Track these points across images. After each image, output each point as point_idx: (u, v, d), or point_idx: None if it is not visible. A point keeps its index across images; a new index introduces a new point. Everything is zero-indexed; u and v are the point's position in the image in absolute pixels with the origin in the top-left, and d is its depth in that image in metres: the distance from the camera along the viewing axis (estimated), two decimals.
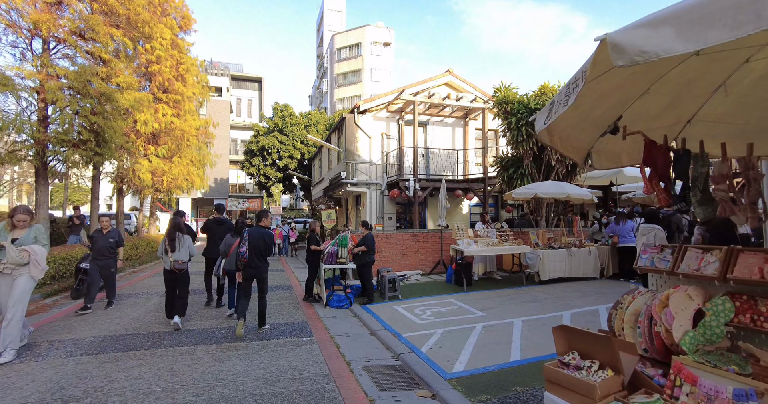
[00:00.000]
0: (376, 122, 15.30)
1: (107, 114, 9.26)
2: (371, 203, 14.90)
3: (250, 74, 44.12)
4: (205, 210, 36.98)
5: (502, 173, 12.13)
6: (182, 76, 15.23)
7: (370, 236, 7.68)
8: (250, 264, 5.47)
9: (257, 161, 24.05)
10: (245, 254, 5.40)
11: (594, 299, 7.30)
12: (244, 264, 5.43)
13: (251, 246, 5.46)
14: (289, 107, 24.47)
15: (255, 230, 5.59)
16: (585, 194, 9.33)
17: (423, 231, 10.31)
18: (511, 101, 11.44)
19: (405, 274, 9.53)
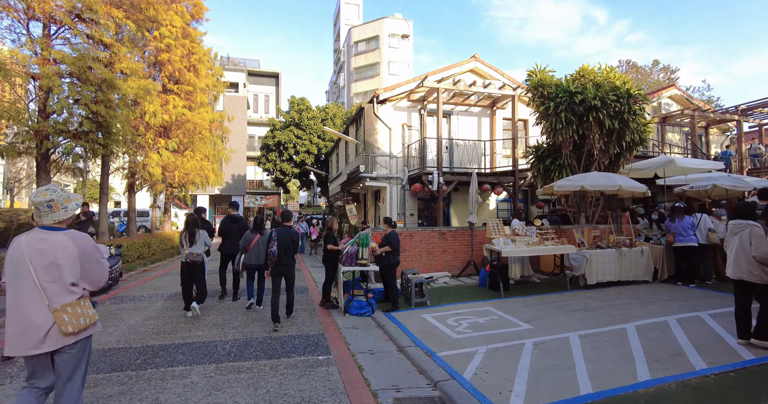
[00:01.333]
0: (397, 113, 14.36)
1: (111, 103, 8.61)
2: (391, 199, 13.99)
3: (267, 70, 43.68)
4: (222, 207, 36.76)
5: (537, 165, 11.04)
6: (194, 66, 14.60)
7: (393, 234, 6.79)
8: (280, 262, 5.76)
9: (273, 156, 23.43)
10: (275, 253, 5.70)
11: (657, 309, 6.23)
12: (274, 263, 5.75)
13: (280, 245, 5.72)
14: (305, 101, 23.74)
15: (283, 230, 5.86)
16: (638, 187, 8.21)
17: (451, 229, 9.37)
18: (548, 84, 10.33)
19: (432, 276, 8.60)
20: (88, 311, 2.52)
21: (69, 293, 2.45)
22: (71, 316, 2.41)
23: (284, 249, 5.73)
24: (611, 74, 10.14)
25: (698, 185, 8.90)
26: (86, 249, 2.55)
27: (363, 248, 6.58)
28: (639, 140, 10.17)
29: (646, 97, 9.62)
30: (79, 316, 2.44)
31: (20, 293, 2.37)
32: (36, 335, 2.33)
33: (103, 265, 2.65)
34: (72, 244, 2.48)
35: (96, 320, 2.60)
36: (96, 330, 2.64)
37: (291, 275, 5.97)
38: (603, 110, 9.47)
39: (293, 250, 5.89)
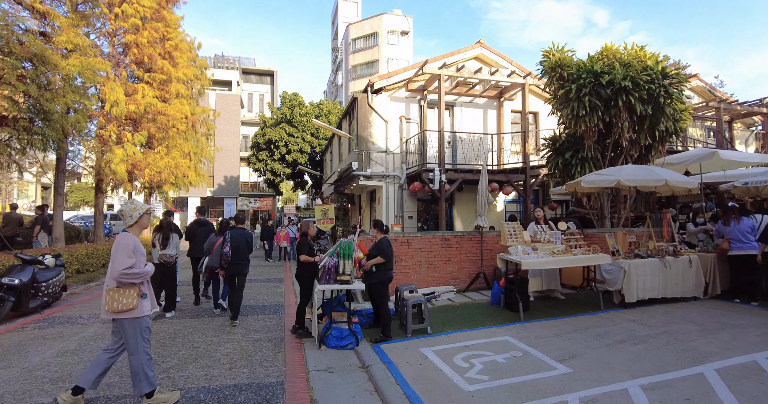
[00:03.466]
0: (394, 103, 12.92)
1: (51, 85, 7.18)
2: (387, 200, 12.53)
3: (262, 68, 42.36)
4: (215, 210, 35.38)
5: (555, 159, 9.57)
6: (170, 54, 13.17)
7: (384, 241, 5.32)
8: (233, 262, 5.99)
9: (264, 155, 22.00)
10: (228, 253, 5.96)
11: (730, 340, 4.75)
12: (228, 263, 5.98)
13: (234, 246, 5.99)
14: (298, 96, 22.33)
15: (236, 232, 6.13)
16: (688, 182, 6.72)
17: (456, 234, 7.89)
18: (567, 64, 8.87)
19: (433, 292, 7.13)
20: (123, 299, 3.19)
21: (112, 280, 3.24)
22: (110, 299, 3.20)
23: (237, 250, 6.02)
24: (641, 53, 8.68)
25: (756, 181, 7.42)
26: (114, 247, 3.26)
27: (345, 260, 5.11)
28: (675, 129, 8.70)
29: (686, 77, 8.16)
30: (113, 300, 3.19)
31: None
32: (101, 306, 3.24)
33: (119, 261, 3.20)
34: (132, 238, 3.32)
35: (132, 308, 3.21)
36: (132, 316, 3.23)
37: (243, 273, 6.16)
38: (634, 92, 8.01)
39: (247, 251, 6.17)
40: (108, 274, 3.26)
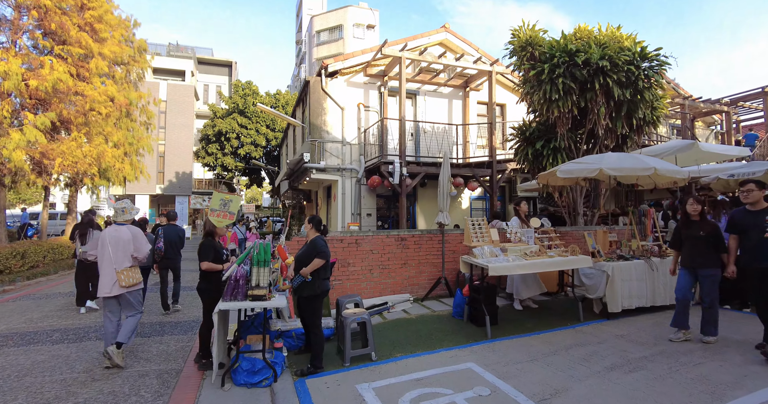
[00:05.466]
0: (351, 89, 11.70)
1: None
2: (344, 195, 11.29)
3: (220, 58, 40.00)
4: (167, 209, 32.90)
5: (525, 149, 8.65)
6: (91, 26, 11.37)
7: (320, 241, 4.08)
8: (166, 256, 6.38)
9: (214, 148, 20.20)
10: (162, 248, 6.31)
11: (741, 361, 3.84)
12: (161, 257, 6.33)
13: (167, 241, 6.36)
14: (252, 85, 20.65)
15: (169, 228, 6.51)
16: (678, 171, 5.88)
17: (414, 232, 6.77)
18: (539, 43, 7.95)
19: (386, 302, 5.96)
20: (135, 275, 4.23)
21: (127, 261, 4.18)
22: (125, 277, 4.10)
23: (170, 245, 6.40)
24: (618, 33, 7.88)
25: (743, 172, 6.72)
26: (136, 234, 4.30)
27: (259, 268, 3.84)
28: (652, 118, 7.96)
29: (666, 60, 7.41)
30: (128, 277, 4.13)
31: (103, 261, 4.12)
32: (108, 284, 4.07)
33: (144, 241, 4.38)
34: (129, 231, 4.24)
35: (140, 281, 4.31)
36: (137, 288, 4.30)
37: (177, 267, 6.65)
38: (612, 74, 7.16)
39: (179, 246, 6.59)
40: (115, 259, 4.11)
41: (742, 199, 4.08)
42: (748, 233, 3.99)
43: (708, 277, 4.33)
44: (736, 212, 4.21)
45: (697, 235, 4.36)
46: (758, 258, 3.90)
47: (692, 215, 4.49)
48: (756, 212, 3.99)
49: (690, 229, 4.47)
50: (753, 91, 15.45)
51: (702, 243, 4.32)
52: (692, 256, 4.41)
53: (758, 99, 15.76)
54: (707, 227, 4.36)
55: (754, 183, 4.00)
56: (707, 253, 4.31)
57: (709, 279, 4.33)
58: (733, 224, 4.18)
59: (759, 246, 3.89)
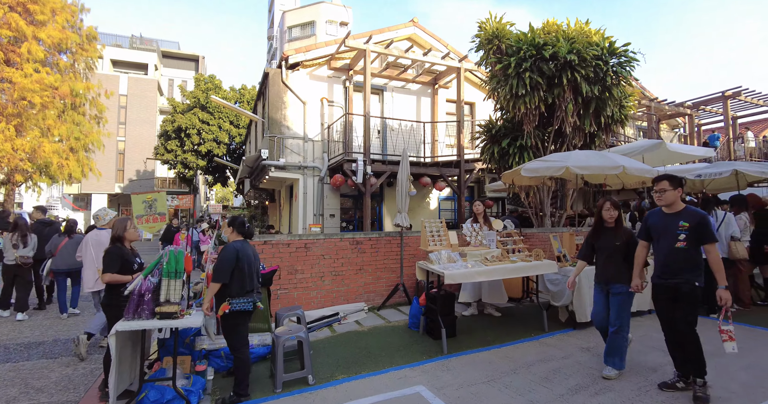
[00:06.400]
0: (314, 83, 11.08)
1: None
2: (306, 195, 10.66)
3: (186, 52, 38.40)
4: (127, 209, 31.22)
5: (491, 148, 8.28)
6: (24, 6, 10.31)
7: (225, 253, 3.43)
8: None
9: (174, 145, 19.09)
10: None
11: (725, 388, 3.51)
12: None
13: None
14: (215, 79, 19.67)
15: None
16: (648, 170, 5.58)
17: (371, 235, 6.25)
18: (506, 36, 7.59)
19: (336, 313, 5.41)
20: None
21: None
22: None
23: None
24: (586, 28, 7.61)
25: (710, 173, 6.55)
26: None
27: (171, 280, 3.22)
28: (620, 116, 7.74)
29: (634, 56, 7.18)
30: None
31: (86, 261, 4.76)
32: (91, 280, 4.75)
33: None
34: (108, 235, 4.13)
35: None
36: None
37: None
38: (580, 69, 6.86)
39: None
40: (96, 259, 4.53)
41: (656, 200, 3.35)
42: (659, 240, 3.31)
43: (619, 294, 3.58)
44: (651, 215, 3.47)
45: (613, 245, 3.65)
46: (666, 272, 3.22)
47: (607, 222, 3.75)
48: (671, 215, 3.26)
49: (604, 238, 3.76)
50: (713, 96, 15.75)
51: (618, 254, 3.63)
52: (605, 269, 3.70)
53: (718, 103, 16.09)
54: (624, 235, 3.66)
55: (667, 181, 3.25)
56: (622, 265, 3.60)
57: (620, 297, 3.58)
58: (644, 229, 3.47)
59: (669, 257, 3.19)
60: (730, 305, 3.01)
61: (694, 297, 3.17)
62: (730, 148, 15.13)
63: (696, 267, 3.14)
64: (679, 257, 3.14)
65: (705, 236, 3.08)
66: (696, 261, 3.14)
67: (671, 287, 3.20)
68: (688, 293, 3.15)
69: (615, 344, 3.56)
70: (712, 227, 3.08)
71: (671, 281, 3.18)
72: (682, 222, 3.13)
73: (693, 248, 3.12)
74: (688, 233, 3.10)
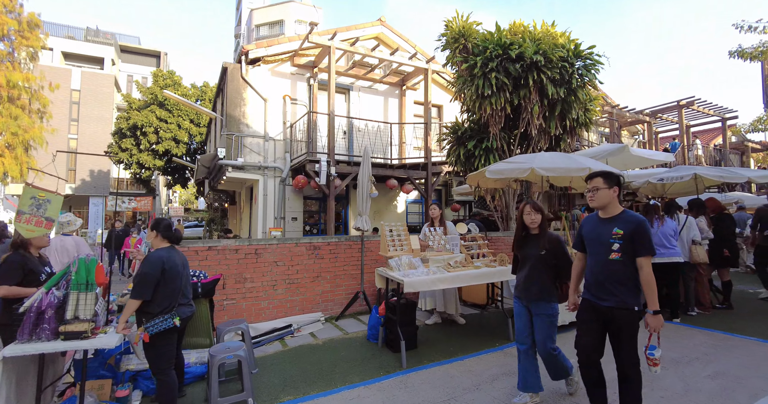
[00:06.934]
0: (277, 80, 10.60)
1: None
2: (266, 197, 10.14)
3: (147, 48, 36.72)
4: (79, 211, 29.34)
5: (457, 150, 8.08)
6: None
7: (153, 260, 2.98)
8: None
9: (129, 143, 17.99)
10: None
11: (682, 390, 3.35)
12: None
13: None
14: (174, 75, 18.72)
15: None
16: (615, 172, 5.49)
17: (330, 240, 5.87)
18: (472, 35, 7.43)
19: (289, 325, 4.98)
20: None
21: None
22: None
23: None
24: (553, 30, 7.56)
25: (671, 177, 6.59)
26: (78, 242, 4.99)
27: (80, 293, 2.74)
28: (585, 119, 7.72)
29: (599, 59, 7.17)
30: None
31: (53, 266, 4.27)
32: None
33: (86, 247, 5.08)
34: (73, 241, 4.90)
35: None
36: None
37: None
38: (546, 70, 6.77)
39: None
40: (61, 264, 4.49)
41: (588, 201, 2.78)
42: (592, 251, 2.74)
43: (543, 315, 3.03)
44: (586, 221, 2.89)
45: (536, 254, 3.06)
46: (598, 291, 2.63)
47: (531, 229, 3.15)
48: (605, 221, 2.68)
49: (527, 247, 3.16)
50: (669, 105, 16.37)
51: (542, 266, 3.05)
52: (527, 284, 3.10)
53: (674, 112, 16.73)
54: (549, 243, 3.05)
55: (602, 177, 2.71)
56: (547, 280, 3.04)
57: (545, 318, 3.03)
58: (579, 237, 2.90)
59: (602, 272, 2.62)
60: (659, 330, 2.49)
61: (633, 326, 2.53)
62: (685, 155, 15.74)
63: (635, 286, 2.55)
64: (613, 272, 2.56)
65: (640, 246, 2.50)
66: (635, 278, 2.55)
67: (603, 311, 2.60)
68: (626, 321, 2.52)
69: (553, 364, 3.08)
70: (650, 235, 2.52)
71: (604, 304, 2.59)
72: (617, 229, 2.56)
73: (631, 261, 2.53)
74: (622, 242, 2.53)
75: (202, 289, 4.25)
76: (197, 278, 4.32)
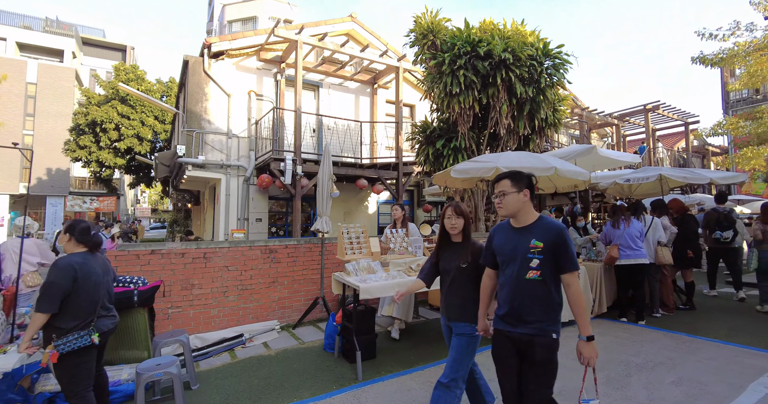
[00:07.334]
0: (242, 75, 10.16)
1: None
2: (229, 197, 9.68)
3: (111, 41, 35.19)
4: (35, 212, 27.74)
5: (426, 149, 7.88)
6: None
7: (61, 267, 2.58)
8: None
9: (87, 140, 17.05)
10: None
11: (646, 399, 3.21)
12: None
13: None
14: (137, 69, 17.86)
15: None
16: (581, 173, 5.37)
17: (288, 242, 5.54)
18: (441, 31, 7.25)
19: (240, 335, 4.63)
20: (36, 278, 4.41)
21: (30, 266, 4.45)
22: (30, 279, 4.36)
23: None
24: (522, 29, 7.46)
25: (638, 177, 6.58)
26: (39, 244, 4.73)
27: None
28: (554, 120, 7.66)
29: (567, 59, 7.10)
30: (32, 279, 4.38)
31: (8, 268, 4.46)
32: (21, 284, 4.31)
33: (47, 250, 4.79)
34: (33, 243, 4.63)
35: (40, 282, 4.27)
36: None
37: None
38: (515, 69, 6.64)
39: None
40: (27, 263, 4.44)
41: (497, 209, 2.25)
42: (504, 267, 2.22)
43: (461, 335, 2.50)
44: (496, 230, 2.35)
45: (456, 266, 2.57)
46: (512, 316, 2.14)
47: (452, 235, 2.66)
48: (520, 231, 2.19)
49: (448, 256, 2.65)
50: (636, 108, 16.75)
51: (465, 279, 2.56)
52: (448, 300, 2.63)
53: (640, 115, 17.13)
54: (474, 254, 2.54)
55: (509, 179, 2.21)
56: (470, 296, 2.52)
57: (462, 339, 2.49)
58: (488, 250, 2.36)
59: (516, 294, 2.13)
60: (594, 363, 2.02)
61: (550, 359, 2.06)
62: (651, 157, 16.13)
63: (557, 309, 2.12)
64: (530, 293, 2.08)
65: (565, 260, 2.04)
66: (557, 300, 2.11)
67: (518, 340, 2.11)
68: (543, 352, 2.04)
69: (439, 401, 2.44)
70: (571, 246, 2.07)
71: (517, 331, 2.10)
72: (535, 241, 2.08)
73: (552, 279, 2.08)
74: (542, 257, 2.06)
75: (138, 297, 3.87)
76: (134, 286, 3.93)
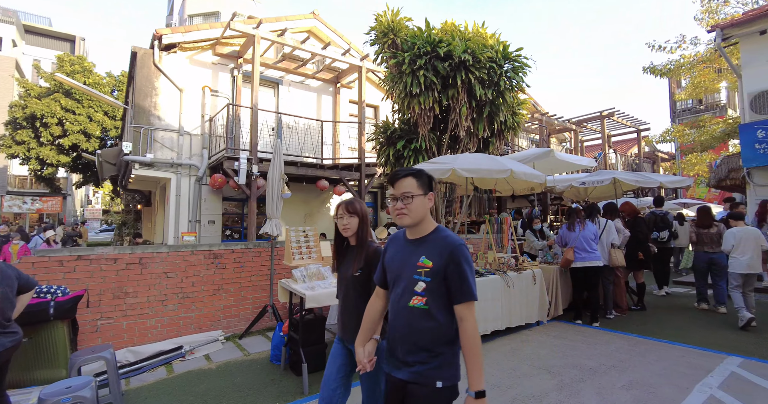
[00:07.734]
0: (196, 69, 9.64)
1: None
2: (179, 197, 9.13)
3: (58, 30, 32.95)
4: None
5: (387, 150, 7.72)
6: None
7: None
8: None
9: (26, 136, 15.76)
10: None
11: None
12: None
13: None
14: (84, 61, 16.71)
15: None
16: (537, 176, 5.35)
17: (235, 247, 5.20)
18: (401, 30, 7.12)
19: (179, 347, 4.26)
20: None
21: None
22: None
23: None
24: (483, 31, 7.46)
25: (593, 180, 6.70)
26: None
27: None
28: (513, 123, 7.71)
29: (526, 62, 7.15)
30: None
31: None
32: None
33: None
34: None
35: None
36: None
37: None
38: (474, 70, 6.61)
39: None
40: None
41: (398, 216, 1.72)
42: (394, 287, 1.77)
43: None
44: (391, 241, 1.90)
45: (350, 275, 2.17)
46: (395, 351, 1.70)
47: (348, 238, 2.26)
48: (412, 243, 1.75)
49: (344, 263, 2.27)
50: (593, 115, 17.37)
51: (360, 291, 2.12)
52: (343, 315, 2.20)
53: (597, 121, 17.80)
54: (366, 260, 2.14)
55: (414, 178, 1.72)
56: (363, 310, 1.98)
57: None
58: (380, 266, 1.91)
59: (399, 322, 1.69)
60: None
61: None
62: (606, 162, 16.77)
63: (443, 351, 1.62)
64: (412, 325, 1.64)
65: (458, 287, 1.59)
66: (448, 337, 1.63)
67: (399, 387, 1.67)
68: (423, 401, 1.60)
69: None
70: (467, 269, 1.61)
71: (397, 375, 1.68)
72: (424, 258, 1.64)
73: (441, 309, 1.62)
74: (429, 280, 1.62)
75: (56, 310, 3.46)
76: (51, 296, 3.51)
